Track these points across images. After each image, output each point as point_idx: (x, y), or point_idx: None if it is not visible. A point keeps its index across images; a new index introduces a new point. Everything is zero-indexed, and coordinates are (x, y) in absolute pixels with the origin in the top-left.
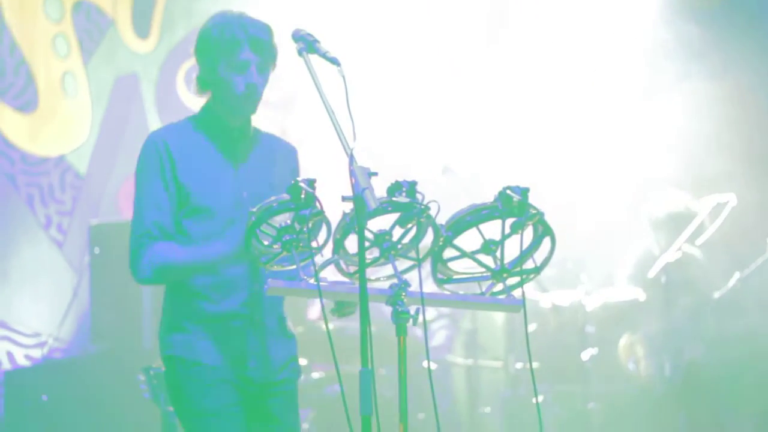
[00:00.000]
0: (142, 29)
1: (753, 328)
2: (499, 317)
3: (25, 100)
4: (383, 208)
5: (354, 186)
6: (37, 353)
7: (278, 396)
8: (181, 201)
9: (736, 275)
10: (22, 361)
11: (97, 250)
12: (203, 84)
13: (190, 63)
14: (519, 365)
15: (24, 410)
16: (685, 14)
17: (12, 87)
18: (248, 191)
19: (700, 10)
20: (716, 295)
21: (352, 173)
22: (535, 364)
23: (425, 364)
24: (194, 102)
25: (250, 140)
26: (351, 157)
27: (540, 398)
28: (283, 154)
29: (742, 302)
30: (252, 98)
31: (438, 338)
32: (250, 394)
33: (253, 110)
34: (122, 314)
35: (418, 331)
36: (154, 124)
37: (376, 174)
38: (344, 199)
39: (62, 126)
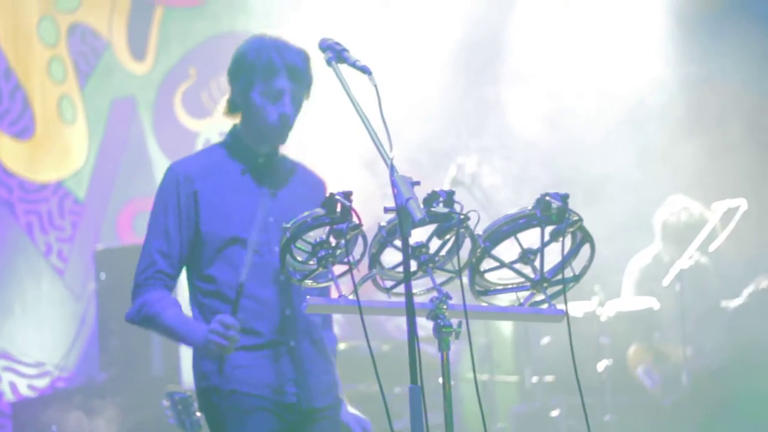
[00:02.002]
0: (138, 51)
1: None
2: (507, 332)
3: (22, 126)
4: (426, 220)
5: (396, 196)
6: (40, 383)
7: (321, 422)
8: (205, 231)
9: (749, 288)
10: (25, 392)
11: (103, 276)
12: (233, 107)
13: (188, 84)
14: (534, 379)
15: None
16: (689, 18)
17: (8, 113)
18: (275, 217)
19: (704, 15)
20: (730, 305)
21: (393, 183)
22: (550, 377)
23: (440, 380)
24: (193, 123)
25: (277, 167)
26: (392, 167)
27: (556, 412)
28: (312, 184)
29: (754, 313)
30: (283, 129)
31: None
32: (291, 422)
33: (284, 140)
34: (130, 341)
35: (430, 348)
36: (152, 146)
37: (418, 183)
38: (387, 210)
39: (60, 151)
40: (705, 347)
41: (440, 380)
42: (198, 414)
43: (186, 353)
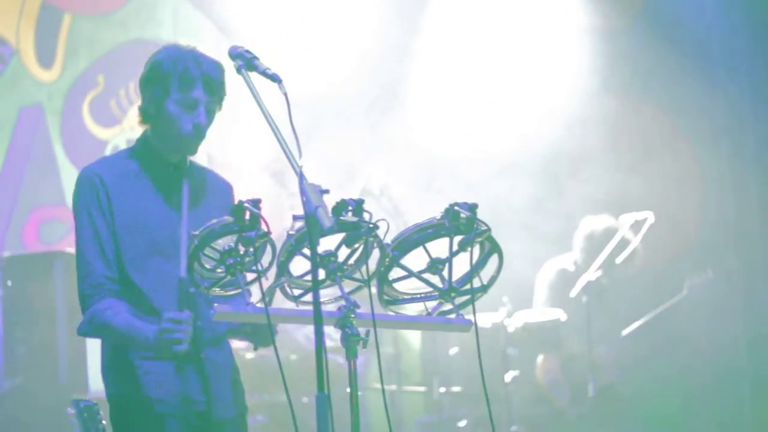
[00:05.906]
0: (46, 58)
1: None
2: (416, 342)
3: None
4: (335, 228)
5: (305, 204)
6: None
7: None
8: (119, 236)
9: (652, 312)
10: None
11: (9, 283)
12: (146, 116)
13: (96, 92)
14: (442, 389)
15: None
16: (602, 34)
17: None
18: (186, 227)
19: (616, 30)
20: (625, 332)
21: (303, 191)
22: (457, 388)
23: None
24: (101, 132)
25: (188, 175)
26: (301, 175)
27: (463, 423)
28: (220, 189)
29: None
30: (197, 139)
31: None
32: (200, 429)
33: (195, 151)
34: (37, 348)
35: (339, 358)
36: (60, 154)
37: (327, 191)
38: (296, 218)
39: None
40: (611, 359)
41: (348, 389)
42: (104, 422)
43: (93, 361)
